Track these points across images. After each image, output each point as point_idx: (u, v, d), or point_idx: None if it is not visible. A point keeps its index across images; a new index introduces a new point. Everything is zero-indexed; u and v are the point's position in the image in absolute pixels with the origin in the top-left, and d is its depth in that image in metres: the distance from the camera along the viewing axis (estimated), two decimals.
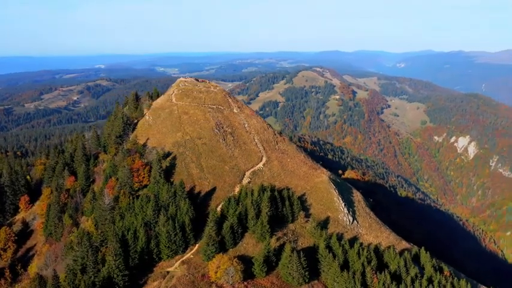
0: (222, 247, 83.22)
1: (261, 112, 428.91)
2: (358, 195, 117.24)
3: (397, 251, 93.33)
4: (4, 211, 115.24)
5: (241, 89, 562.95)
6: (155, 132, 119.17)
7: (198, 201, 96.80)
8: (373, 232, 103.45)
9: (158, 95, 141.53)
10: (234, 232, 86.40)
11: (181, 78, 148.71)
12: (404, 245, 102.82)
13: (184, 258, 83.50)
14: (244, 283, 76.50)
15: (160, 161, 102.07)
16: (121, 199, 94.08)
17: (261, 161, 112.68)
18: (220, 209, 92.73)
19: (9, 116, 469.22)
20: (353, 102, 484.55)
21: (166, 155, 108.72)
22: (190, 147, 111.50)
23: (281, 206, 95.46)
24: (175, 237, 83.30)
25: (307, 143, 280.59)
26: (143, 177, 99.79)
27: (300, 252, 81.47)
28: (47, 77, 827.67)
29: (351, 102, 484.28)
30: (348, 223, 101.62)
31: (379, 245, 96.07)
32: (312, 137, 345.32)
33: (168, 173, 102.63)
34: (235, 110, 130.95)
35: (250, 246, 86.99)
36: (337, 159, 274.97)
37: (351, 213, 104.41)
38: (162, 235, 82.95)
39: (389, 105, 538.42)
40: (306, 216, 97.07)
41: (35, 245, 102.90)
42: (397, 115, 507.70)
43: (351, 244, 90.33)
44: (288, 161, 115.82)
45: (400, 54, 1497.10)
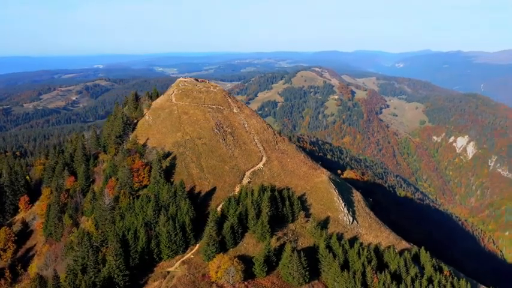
0: (223, 247, 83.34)
1: (259, 112, 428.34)
2: (357, 195, 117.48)
3: (397, 251, 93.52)
4: (4, 211, 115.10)
5: (240, 89, 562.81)
6: (155, 132, 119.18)
7: (198, 201, 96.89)
8: (373, 232, 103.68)
9: (158, 95, 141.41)
10: (235, 232, 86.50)
11: (181, 78, 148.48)
12: (404, 244, 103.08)
13: (185, 258, 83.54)
14: (245, 283, 76.60)
15: (160, 161, 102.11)
16: (121, 199, 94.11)
17: (261, 161, 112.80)
18: (220, 209, 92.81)
19: (8, 116, 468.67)
20: (352, 102, 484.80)
21: (166, 155, 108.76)
22: (190, 147, 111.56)
23: (281, 206, 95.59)
24: (175, 237, 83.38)
25: (306, 143, 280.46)
26: (143, 177, 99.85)
27: (300, 252, 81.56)
28: (46, 77, 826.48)
29: (349, 102, 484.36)
30: (348, 223, 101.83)
31: (379, 244, 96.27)
32: (311, 137, 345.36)
33: (168, 173, 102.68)
34: (235, 110, 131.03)
35: (251, 246, 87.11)
36: (336, 159, 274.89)
37: (350, 213, 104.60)
38: (163, 235, 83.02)
39: (388, 105, 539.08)
40: (306, 216, 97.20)
41: (35, 245, 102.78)
42: (396, 115, 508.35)
43: (351, 244, 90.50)
44: (288, 161, 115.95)
45: (398, 54, 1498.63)
